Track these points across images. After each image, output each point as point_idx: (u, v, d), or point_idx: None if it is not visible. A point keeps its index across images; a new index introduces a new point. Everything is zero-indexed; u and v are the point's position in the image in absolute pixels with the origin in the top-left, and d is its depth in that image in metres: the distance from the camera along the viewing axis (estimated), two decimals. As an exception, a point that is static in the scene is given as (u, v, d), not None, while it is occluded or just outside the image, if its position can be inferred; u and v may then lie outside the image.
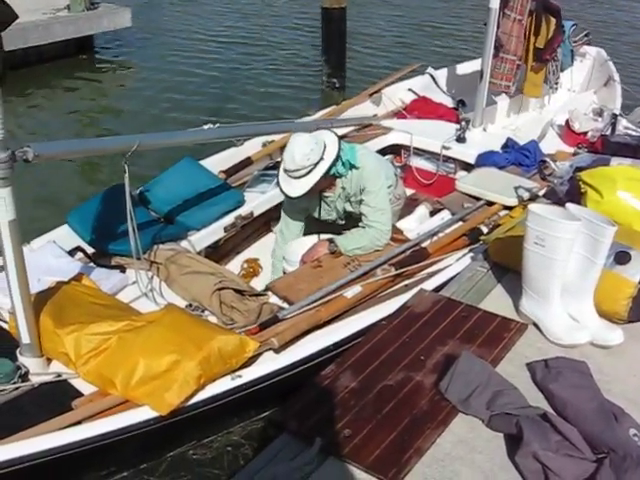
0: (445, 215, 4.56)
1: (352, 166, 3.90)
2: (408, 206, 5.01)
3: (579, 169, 4.13)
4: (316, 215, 4.20)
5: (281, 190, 3.87)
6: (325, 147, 3.79)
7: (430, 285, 3.60)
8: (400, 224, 4.40)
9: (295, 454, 2.45)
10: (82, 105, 9.24)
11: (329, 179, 3.90)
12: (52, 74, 9.95)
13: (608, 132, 5.34)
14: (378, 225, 3.95)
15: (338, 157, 3.81)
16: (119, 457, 2.94)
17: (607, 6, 14.86)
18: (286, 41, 11.72)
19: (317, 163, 3.73)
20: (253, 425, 3.46)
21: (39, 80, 9.50)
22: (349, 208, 4.11)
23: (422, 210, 4.81)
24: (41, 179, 6.22)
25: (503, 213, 4.41)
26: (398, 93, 6.37)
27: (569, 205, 3.06)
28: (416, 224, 4.61)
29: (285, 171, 3.80)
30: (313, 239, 4.15)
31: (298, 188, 3.77)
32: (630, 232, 3.35)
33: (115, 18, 11.14)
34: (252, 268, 4.42)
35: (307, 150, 3.70)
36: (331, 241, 4.00)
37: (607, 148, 4.91)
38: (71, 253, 3.90)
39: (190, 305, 3.62)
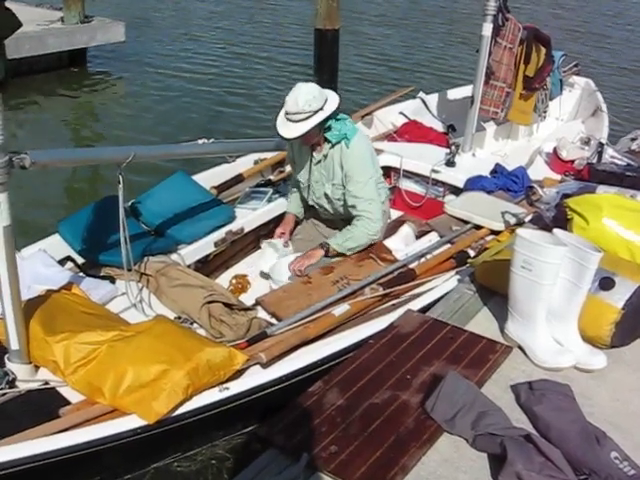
0: (433, 237, 4.61)
1: (344, 138, 4.03)
2: (395, 228, 5.07)
3: (566, 196, 4.19)
4: (304, 180, 4.34)
5: (277, 133, 4.00)
6: (327, 100, 3.96)
7: (417, 305, 3.64)
8: (386, 244, 4.44)
9: (282, 469, 2.46)
10: (73, 117, 9.28)
11: (321, 135, 4.06)
12: (44, 85, 9.98)
13: (595, 160, 5.43)
14: (367, 214, 4.08)
15: (336, 113, 4.01)
16: (104, 466, 2.94)
17: (595, 38, 15.12)
18: (279, 61, 11.80)
19: (316, 111, 3.89)
20: (238, 439, 3.47)
21: (31, 91, 9.53)
22: (329, 191, 4.21)
23: (406, 229, 4.83)
24: (33, 187, 6.23)
25: (490, 237, 4.46)
26: (389, 116, 6.45)
27: (556, 230, 3.11)
28: (401, 244, 4.64)
29: (285, 114, 3.94)
30: (292, 260, 4.20)
31: (294, 130, 3.92)
32: (615, 259, 3.41)
33: (109, 32, 11.21)
34: (240, 284, 4.43)
35: (310, 97, 3.87)
36: (322, 245, 4.10)
37: (593, 176, 4.97)
38: (61, 262, 3.91)
39: (179, 317, 3.63)
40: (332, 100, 4.00)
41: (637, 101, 10.71)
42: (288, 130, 3.95)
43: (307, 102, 3.86)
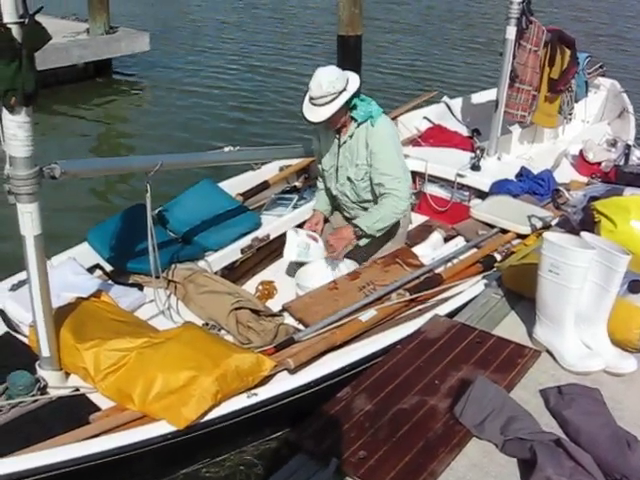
0: (459, 242, 4.60)
1: (370, 118, 4.06)
2: (422, 232, 5.06)
3: (593, 198, 4.17)
4: (329, 166, 4.33)
5: (304, 117, 4.02)
6: (348, 80, 3.99)
7: (444, 310, 3.63)
8: (415, 250, 4.44)
9: (311, 474, 2.47)
10: (99, 128, 9.38)
11: (347, 116, 4.08)
12: (71, 96, 10.11)
13: (622, 162, 5.39)
14: (396, 192, 4.06)
15: (359, 92, 4.05)
16: (134, 472, 2.95)
17: (617, 40, 15.00)
18: (302, 67, 11.79)
19: (341, 92, 3.92)
20: (266, 445, 3.48)
21: (58, 102, 9.62)
22: (352, 174, 4.21)
23: (436, 236, 4.84)
24: (63, 197, 6.30)
25: (516, 241, 4.44)
26: (414, 121, 6.45)
27: (584, 234, 3.09)
28: (430, 250, 4.64)
29: (310, 99, 3.97)
30: (318, 266, 4.25)
31: (320, 114, 3.94)
32: (644, 262, 3.38)
33: (134, 42, 11.33)
34: (267, 290, 4.45)
35: (333, 78, 3.91)
36: (355, 226, 4.12)
37: (620, 178, 4.95)
38: (90, 270, 3.95)
39: (207, 324, 3.66)
40: (354, 80, 4.03)
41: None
42: (315, 115, 3.97)
43: (330, 84, 3.88)
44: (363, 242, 4.24)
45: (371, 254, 4.32)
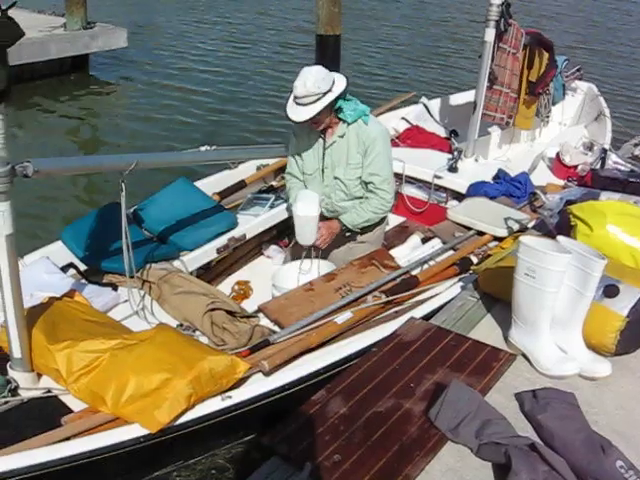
0: (436, 243, 4.60)
1: (364, 116, 4.07)
2: (399, 233, 5.06)
3: (569, 202, 4.19)
4: (313, 169, 4.25)
5: (287, 117, 3.98)
6: (334, 82, 3.96)
7: (420, 313, 3.62)
8: (393, 252, 4.43)
9: (284, 478, 2.45)
10: (74, 124, 9.28)
11: (332, 116, 4.06)
12: (46, 92, 9.99)
13: (598, 166, 5.42)
14: (383, 194, 4.17)
15: (345, 94, 4.02)
16: (106, 475, 2.92)
17: (600, 45, 15.12)
18: (281, 66, 11.79)
19: (325, 93, 3.88)
20: (238, 448, 3.45)
21: (33, 97, 9.53)
22: (341, 174, 4.17)
23: (415, 239, 4.83)
24: (37, 195, 6.22)
25: (493, 244, 4.45)
26: (391, 122, 6.43)
27: (560, 237, 3.10)
28: (409, 252, 4.64)
29: (295, 98, 3.92)
30: (294, 267, 4.23)
31: (304, 113, 3.89)
32: (619, 266, 3.39)
33: (111, 38, 11.23)
34: (243, 290, 4.44)
35: (319, 78, 3.86)
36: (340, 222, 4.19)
37: (596, 182, 4.97)
38: (64, 269, 3.90)
39: (181, 325, 3.63)
40: (340, 81, 4.00)
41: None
42: (298, 114, 3.91)
43: (315, 84, 3.83)
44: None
45: (348, 256, 4.30)
